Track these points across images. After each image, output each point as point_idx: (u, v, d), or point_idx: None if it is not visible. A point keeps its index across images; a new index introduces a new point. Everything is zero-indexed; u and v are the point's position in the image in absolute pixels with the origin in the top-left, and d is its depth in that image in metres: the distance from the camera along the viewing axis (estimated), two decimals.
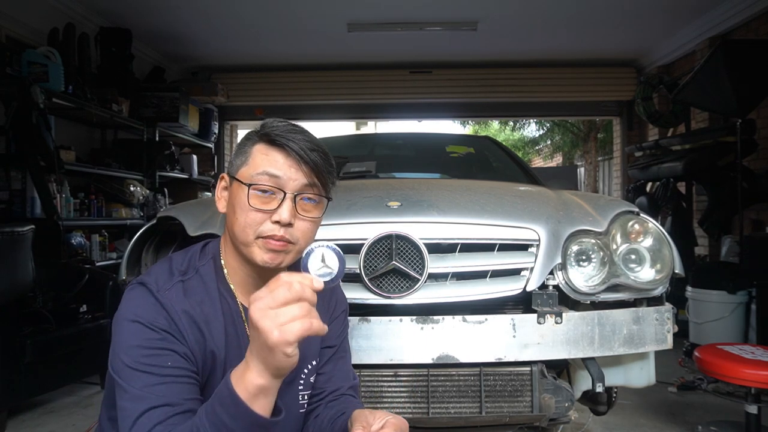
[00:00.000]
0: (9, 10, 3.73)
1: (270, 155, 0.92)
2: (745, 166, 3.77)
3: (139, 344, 0.85)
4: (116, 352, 0.86)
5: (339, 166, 2.49)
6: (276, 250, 0.91)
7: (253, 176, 0.91)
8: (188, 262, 0.97)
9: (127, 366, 0.84)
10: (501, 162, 2.96)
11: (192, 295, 0.92)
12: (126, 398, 0.83)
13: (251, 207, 0.90)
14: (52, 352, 2.67)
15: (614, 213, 1.58)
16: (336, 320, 1.11)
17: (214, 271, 0.97)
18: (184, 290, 0.92)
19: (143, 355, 0.85)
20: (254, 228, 0.90)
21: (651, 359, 1.61)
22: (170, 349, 0.86)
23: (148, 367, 0.84)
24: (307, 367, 1.03)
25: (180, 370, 0.86)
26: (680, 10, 4.72)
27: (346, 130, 11.25)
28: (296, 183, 0.91)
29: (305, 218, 0.93)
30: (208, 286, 0.95)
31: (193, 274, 0.95)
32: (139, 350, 0.85)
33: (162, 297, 0.89)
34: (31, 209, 3.38)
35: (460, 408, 1.38)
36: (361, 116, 8.39)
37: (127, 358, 0.84)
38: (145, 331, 0.86)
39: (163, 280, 0.92)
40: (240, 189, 0.92)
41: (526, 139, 14.40)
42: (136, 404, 0.82)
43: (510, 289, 1.43)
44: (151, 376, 0.83)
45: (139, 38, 5.01)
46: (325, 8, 4.66)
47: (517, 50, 5.92)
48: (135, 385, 0.83)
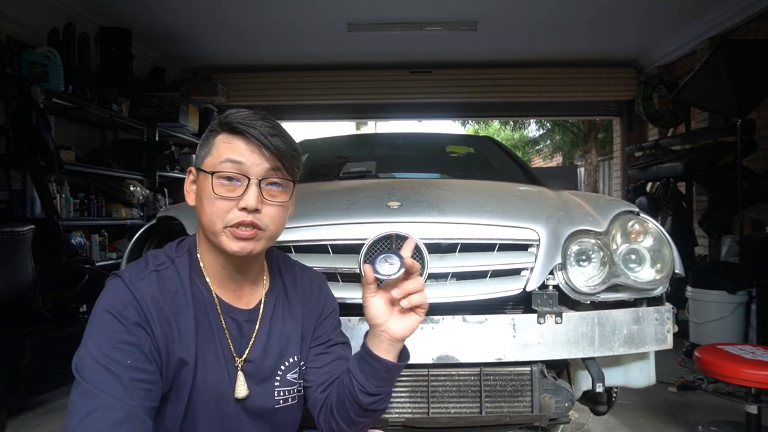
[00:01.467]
0: (9, 10, 3.73)
1: (232, 143, 0.93)
2: (745, 166, 3.77)
3: (105, 335, 0.86)
4: (84, 342, 0.87)
5: (339, 166, 2.49)
6: (245, 238, 0.91)
7: (217, 165, 0.92)
8: (164, 255, 0.98)
9: (90, 356, 0.84)
10: (501, 162, 2.96)
11: (165, 285, 0.93)
12: (79, 392, 0.83)
13: (217, 195, 0.90)
14: (52, 352, 2.67)
15: (614, 213, 1.58)
16: (328, 318, 1.13)
17: (189, 262, 0.98)
18: (157, 279, 0.93)
19: (108, 347, 0.85)
20: (222, 217, 0.91)
21: (651, 359, 1.61)
22: (134, 344, 0.86)
23: (109, 361, 0.84)
24: (284, 364, 1.03)
25: (138, 372, 0.85)
26: (680, 10, 4.72)
27: (346, 130, 11.26)
28: (260, 168, 0.92)
29: (272, 203, 0.93)
30: (182, 276, 0.96)
31: (168, 265, 0.96)
32: (104, 341, 0.85)
33: (133, 287, 0.90)
34: (31, 209, 3.38)
35: (460, 408, 1.38)
36: (361, 116, 8.39)
37: (93, 348, 0.85)
38: (114, 322, 0.87)
39: (137, 271, 0.93)
40: (205, 179, 0.92)
41: (526, 139, 14.42)
42: (88, 401, 0.81)
43: (510, 289, 1.43)
44: (109, 373, 0.83)
45: (139, 38, 5.01)
46: (325, 8, 4.66)
47: (517, 50, 5.92)
48: (90, 380, 0.83)
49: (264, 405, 1.00)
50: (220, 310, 0.98)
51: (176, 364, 0.92)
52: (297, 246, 1.45)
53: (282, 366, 1.03)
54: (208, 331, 0.96)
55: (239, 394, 0.97)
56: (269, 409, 1.01)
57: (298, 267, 1.14)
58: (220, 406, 0.96)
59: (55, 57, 3.52)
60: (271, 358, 1.02)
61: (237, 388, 0.97)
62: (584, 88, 6.49)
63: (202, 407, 0.94)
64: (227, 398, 0.97)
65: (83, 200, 4.03)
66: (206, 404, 0.95)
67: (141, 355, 0.86)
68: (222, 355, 0.97)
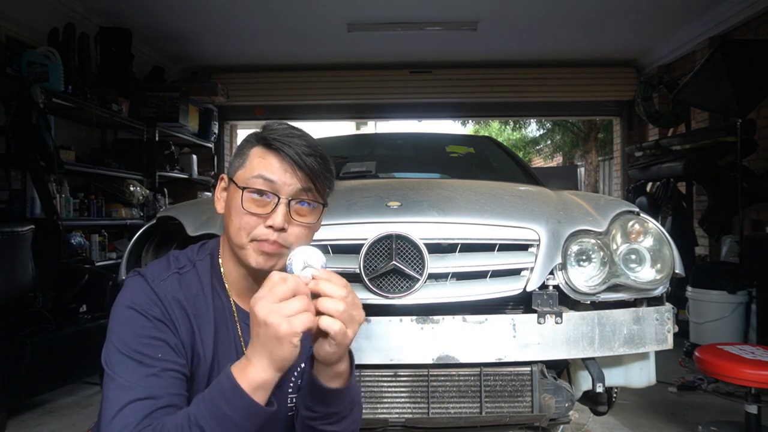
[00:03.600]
0: (9, 10, 3.73)
1: (266, 159, 0.92)
2: (745, 166, 3.77)
3: (132, 331, 0.87)
4: (110, 338, 0.88)
5: (339, 166, 2.49)
6: (269, 252, 0.91)
7: (249, 179, 0.91)
8: (186, 257, 0.99)
9: (119, 351, 0.85)
10: (501, 162, 2.96)
11: (187, 287, 0.94)
12: (112, 387, 0.83)
13: (245, 210, 0.90)
14: (52, 352, 2.67)
15: (614, 213, 1.58)
16: None
17: (211, 266, 0.99)
18: (179, 281, 0.94)
19: (136, 342, 0.85)
20: (248, 231, 0.91)
21: (651, 359, 1.61)
22: (162, 339, 0.87)
23: (139, 356, 0.84)
24: (296, 370, 1.04)
25: (169, 363, 0.86)
26: (680, 10, 4.72)
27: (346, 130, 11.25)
28: (291, 188, 0.91)
29: (299, 223, 0.93)
30: (203, 280, 0.96)
31: (190, 268, 0.97)
32: (132, 337, 0.86)
33: (157, 287, 0.90)
34: (31, 209, 3.38)
35: (460, 408, 1.38)
36: (361, 116, 8.40)
37: (120, 344, 0.86)
38: (139, 318, 0.87)
39: (159, 271, 0.94)
40: (236, 191, 0.92)
41: (526, 139, 14.41)
42: (122, 394, 0.82)
43: (510, 289, 1.43)
44: (140, 365, 0.84)
45: (139, 38, 5.01)
46: (325, 8, 4.66)
47: (517, 50, 5.92)
48: (123, 374, 0.83)
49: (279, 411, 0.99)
50: (237, 317, 0.98)
51: (194, 363, 0.92)
52: None
53: (294, 372, 1.03)
54: (225, 337, 0.96)
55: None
56: (284, 415, 1.02)
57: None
58: None
59: (55, 57, 3.52)
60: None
61: None
62: (584, 88, 6.49)
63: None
64: None
65: (83, 200, 4.03)
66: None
67: (169, 349, 0.87)
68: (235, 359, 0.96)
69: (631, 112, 6.39)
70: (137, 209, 4.61)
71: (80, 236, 3.93)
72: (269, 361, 0.75)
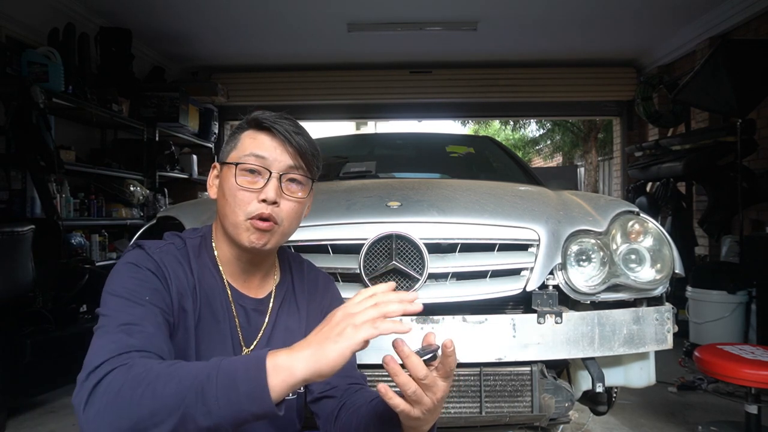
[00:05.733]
0: (9, 10, 3.73)
1: (257, 138, 0.97)
2: (745, 166, 3.77)
3: (126, 276, 0.90)
4: (106, 287, 0.90)
5: (339, 166, 2.49)
6: (262, 229, 0.95)
7: (241, 158, 0.96)
8: (179, 237, 1.03)
9: (109, 294, 0.88)
10: (501, 162, 2.96)
11: (178, 260, 0.97)
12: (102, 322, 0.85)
13: (239, 186, 0.95)
14: (52, 352, 2.67)
15: (614, 213, 1.58)
16: None
17: (203, 246, 1.02)
18: (173, 253, 0.98)
19: (128, 281, 0.89)
20: (243, 208, 0.94)
21: (651, 359, 1.61)
22: (152, 286, 0.90)
23: (129, 293, 0.87)
24: None
25: (154, 307, 0.88)
26: (680, 10, 4.72)
27: (346, 130, 11.26)
28: (282, 164, 0.96)
29: (291, 198, 0.97)
30: (192, 258, 1.00)
31: (182, 245, 1.01)
32: (125, 279, 0.90)
33: (153, 252, 0.95)
34: (31, 209, 3.38)
35: (460, 408, 1.38)
36: (361, 116, 8.40)
37: (111, 287, 0.89)
38: (134, 268, 0.91)
39: (156, 244, 0.98)
40: (229, 171, 0.97)
41: (526, 139, 14.42)
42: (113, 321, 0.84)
43: (510, 289, 1.43)
44: (128, 301, 0.86)
45: (139, 38, 5.01)
46: (325, 8, 4.66)
47: (517, 50, 5.92)
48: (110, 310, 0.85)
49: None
50: (231, 296, 1.00)
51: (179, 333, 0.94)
52: (297, 246, 1.45)
53: None
54: (219, 315, 0.98)
55: None
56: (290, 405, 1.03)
57: (306, 265, 1.16)
58: None
59: (55, 57, 3.52)
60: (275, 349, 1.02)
61: None
62: (584, 88, 6.49)
63: None
64: None
65: (83, 200, 4.03)
66: None
67: (157, 293, 0.90)
68: (230, 341, 0.99)
69: (631, 112, 6.39)
70: (137, 209, 4.61)
71: (80, 236, 3.93)
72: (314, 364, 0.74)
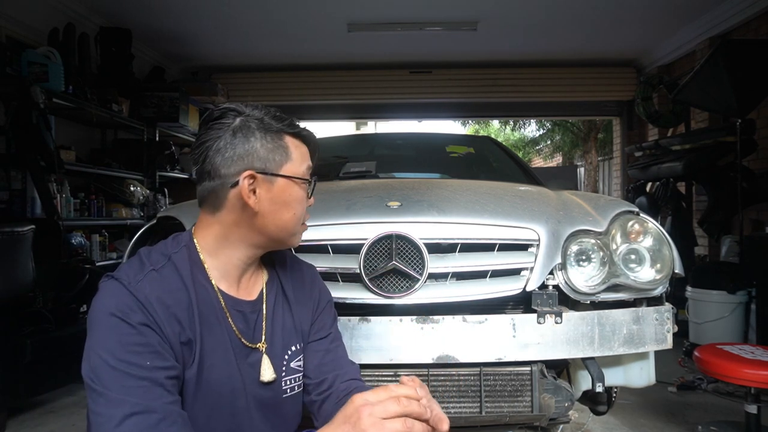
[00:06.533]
0: (9, 10, 3.73)
1: (301, 149, 1.01)
2: (745, 166, 3.77)
3: (117, 340, 0.83)
4: (93, 349, 0.83)
5: (339, 166, 2.49)
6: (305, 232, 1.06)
7: (304, 171, 1.00)
8: (159, 253, 0.95)
9: (105, 363, 0.81)
10: (501, 162, 2.96)
11: (166, 283, 0.91)
12: (101, 403, 0.80)
13: (307, 198, 1.02)
14: (52, 352, 2.67)
15: (614, 213, 1.58)
16: (324, 311, 1.13)
17: (189, 259, 0.96)
18: (157, 279, 0.90)
19: (122, 352, 0.82)
20: (302, 216, 1.02)
21: (651, 359, 1.61)
22: (148, 345, 0.84)
23: (127, 366, 0.81)
24: (287, 353, 1.04)
25: (159, 370, 0.83)
26: (680, 10, 4.72)
27: (346, 130, 11.26)
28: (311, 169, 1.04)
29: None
30: (182, 272, 0.93)
31: (165, 262, 0.93)
32: (117, 346, 0.82)
33: (134, 289, 0.87)
34: (31, 209, 3.38)
35: (460, 408, 1.38)
36: (361, 116, 8.40)
37: (106, 355, 0.81)
38: (122, 325, 0.84)
39: (134, 272, 0.90)
40: (293, 185, 0.98)
41: (526, 139, 14.42)
42: (115, 410, 0.78)
43: (510, 289, 1.43)
44: (129, 377, 0.81)
45: (139, 38, 5.01)
46: (325, 8, 4.66)
47: (517, 50, 5.92)
48: (112, 388, 0.80)
49: (275, 394, 1.02)
50: (224, 304, 0.97)
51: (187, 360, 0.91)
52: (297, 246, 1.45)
53: (286, 354, 1.04)
54: (214, 326, 0.95)
55: (265, 377, 0.98)
56: (278, 398, 1.02)
57: (288, 257, 1.14)
58: (232, 401, 0.95)
59: (55, 57, 3.52)
60: (276, 347, 1.02)
61: (262, 371, 0.99)
62: (584, 88, 6.49)
63: (214, 403, 0.93)
64: (238, 392, 0.96)
65: (83, 200, 4.03)
66: (218, 400, 0.94)
67: (157, 355, 0.84)
68: (231, 350, 0.96)
69: (631, 112, 6.39)
70: (137, 209, 4.61)
71: (80, 236, 3.93)
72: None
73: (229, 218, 0.95)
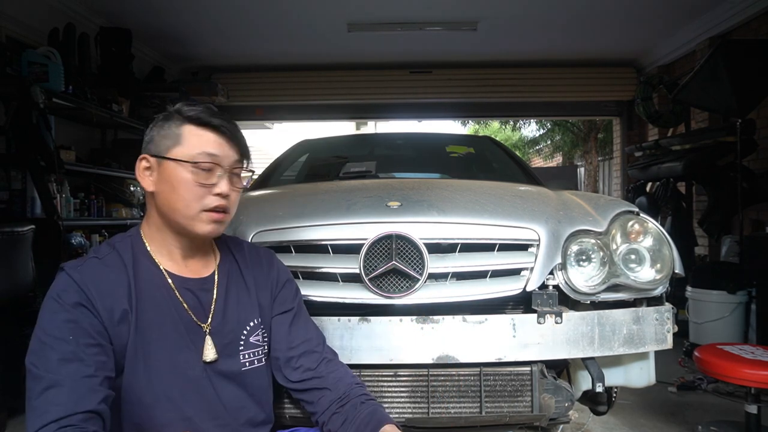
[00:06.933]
0: (9, 10, 3.73)
1: (203, 136, 1.04)
2: (745, 166, 3.77)
3: (49, 318, 0.94)
4: (35, 330, 0.94)
5: (339, 166, 2.49)
6: (218, 221, 1.05)
7: (195, 156, 1.02)
8: (106, 245, 1.07)
9: (38, 340, 0.92)
10: (501, 162, 2.95)
11: (105, 267, 1.01)
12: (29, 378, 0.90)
13: (196, 183, 1.02)
14: None
15: (614, 213, 1.58)
16: (284, 287, 1.20)
17: (132, 246, 1.06)
18: (98, 264, 1.01)
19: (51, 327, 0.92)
20: (199, 201, 1.03)
21: (651, 359, 1.61)
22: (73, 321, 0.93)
23: (53, 341, 0.90)
24: (246, 328, 1.11)
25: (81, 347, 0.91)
26: (680, 10, 4.72)
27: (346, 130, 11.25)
28: (230, 159, 1.06)
29: (236, 190, 1.08)
30: (124, 257, 1.03)
31: (109, 251, 1.04)
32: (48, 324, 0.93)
33: (73, 272, 0.98)
34: (31, 209, 3.38)
35: (460, 408, 1.38)
36: (361, 116, 8.39)
37: (39, 332, 0.93)
38: (55, 305, 0.94)
39: (78, 261, 1.02)
40: (179, 168, 1.02)
41: (526, 139, 14.41)
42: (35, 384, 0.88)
43: (510, 289, 1.43)
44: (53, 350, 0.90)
45: (139, 38, 5.01)
46: (325, 8, 4.66)
47: (517, 50, 5.92)
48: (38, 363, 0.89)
49: (231, 368, 1.08)
50: (172, 283, 1.05)
51: (125, 337, 0.97)
52: (297, 246, 1.45)
53: (244, 330, 1.11)
54: (161, 302, 1.02)
55: (207, 357, 1.05)
56: (237, 371, 1.09)
57: (246, 245, 1.23)
58: (186, 371, 1.02)
59: (55, 57, 3.52)
60: (231, 323, 1.09)
61: (205, 351, 1.05)
62: (584, 88, 6.49)
63: (168, 374, 1.00)
64: (192, 362, 1.03)
65: (83, 200, 4.03)
66: (171, 370, 1.01)
67: (82, 331, 0.93)
68: (182, 324, 1.03)
69: (631, 112, 6.39)
70: (137, 209, 4.61)
71: (80, 236, 3.93)
72: None
73: (149, 202, 1.08)
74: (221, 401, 1.05)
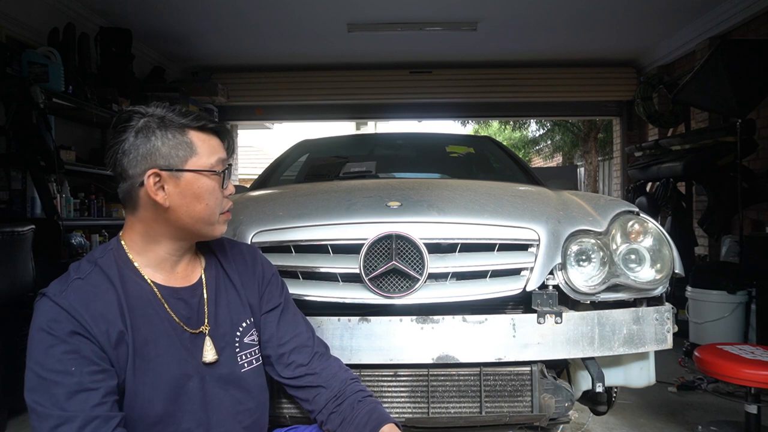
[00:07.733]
0: (9, 10, 3.73)
1: (208, 141, 1.03)
2: (745, 166, 3.77)
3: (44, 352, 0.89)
4: (28, 365, 0.90)
5: (339, 166, 2.49)
6: (228, 220, 1.09)
7: (213, 164, 1.02)
8: (86, 262, 1.01)
9: (37, 376, 0.88)
10: (501, 162, 2.96)
11: (92, 287, 0.96)
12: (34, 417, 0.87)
13: (220, 189, 1.04)
14: None
15: (614, 213, 1.58)
16: (270, 283, 1.19)
17: (117, 259, 1.01)
18: (82, 285, 0.95)
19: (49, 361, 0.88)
20: (219, 206, 1.04)
21: (651, 359, 1.61)
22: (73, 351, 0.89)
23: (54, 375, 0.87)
24: (239, 329, 1.10)
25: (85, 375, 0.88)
26: (680, 10, 4.72)
27: (346, 130, 11.26)
28: (227, 160, 1.07)
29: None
30: (109, 273, 0.98)
31: (91, 269, 0.98)
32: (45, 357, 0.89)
33: (59, 300, 0.92)
34: (31, 209, 3.38)
35: (460, 408, 1.38)
36: (361, 116, 8.39)
37: (37, 367, 0.88)
38: (49, 338, 0.89)
39: (60, 284, 0.96)
40: (203, 178, 1.01)
41: (526, 139, 14.40)
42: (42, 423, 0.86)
43: (510, 289, 1.43)
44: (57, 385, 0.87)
45: (139, 38, 5.01)
46: (325, 8, 4.66)
47: (517, 50, 5.92)
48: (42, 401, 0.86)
49: (231, 370, 1.07)
50: (160, 295, 1.02)
51: (124, 358, 0.95)
52: (297, 246, 1.45)
53: (237, 331, 1.10)
54: (153, 317, 1.00)
55: (207, 358, 1.03)
56: (237, 374, 1.08)
57: (226, 242, 1.20)
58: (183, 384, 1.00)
59: (55, 57, 3.52)
60: (224, 326, 1.08)
61: (205, 352, 1.03)
62: (584, 88, 6.50)
63: (168, 390, 0.98)
64: (189, 375, 1.01)
65: (83, 200, 4.03)
66: (172, 384, 0.99)
67: (84, 360, 0.89)
68: (175, 337, 1.01)
69: (631, 112, 6.39)
70: None
71: (81, 236, 3.92)
72: None
73: (147, 216, 1.00)
74: (223, 408, 1.04)
